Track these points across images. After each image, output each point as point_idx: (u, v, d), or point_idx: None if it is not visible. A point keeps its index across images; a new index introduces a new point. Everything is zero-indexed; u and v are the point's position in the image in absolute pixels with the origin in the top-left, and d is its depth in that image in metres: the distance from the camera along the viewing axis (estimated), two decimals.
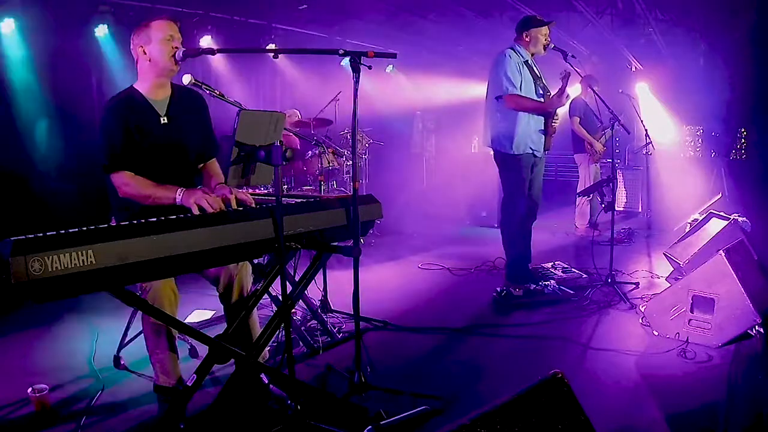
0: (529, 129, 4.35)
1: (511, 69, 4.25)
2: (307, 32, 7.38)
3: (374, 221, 2.75)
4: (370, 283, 4.70)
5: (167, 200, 2.38)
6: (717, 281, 3.30)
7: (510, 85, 4.24)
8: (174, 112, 2.63)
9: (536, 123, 4.37)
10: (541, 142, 4.42)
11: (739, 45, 7.71)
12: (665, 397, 2.72)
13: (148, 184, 2.46)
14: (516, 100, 4.25)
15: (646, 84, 8.82)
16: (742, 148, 8.37)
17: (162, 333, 2.51)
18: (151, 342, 2.53)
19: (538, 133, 4.39)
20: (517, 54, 4.36)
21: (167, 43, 2.50)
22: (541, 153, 4.46)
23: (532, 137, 4.36)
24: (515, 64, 4.29)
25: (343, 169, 6.56)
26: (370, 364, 3.03)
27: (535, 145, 4.39)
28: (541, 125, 4.39)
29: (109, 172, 2.48)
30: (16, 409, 2.67)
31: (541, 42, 4.37)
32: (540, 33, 4.37)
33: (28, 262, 1.52)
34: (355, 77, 2.35)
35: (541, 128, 4.39)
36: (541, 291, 4.26)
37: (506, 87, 4.24)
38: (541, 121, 4.39)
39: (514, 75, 4.26)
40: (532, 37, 4.38)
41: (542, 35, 4.37)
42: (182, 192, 2.37)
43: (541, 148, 4.43)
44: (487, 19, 7.17)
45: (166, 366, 2.54)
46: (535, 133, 4.38)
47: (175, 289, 2.51)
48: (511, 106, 4.27)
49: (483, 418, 1.25)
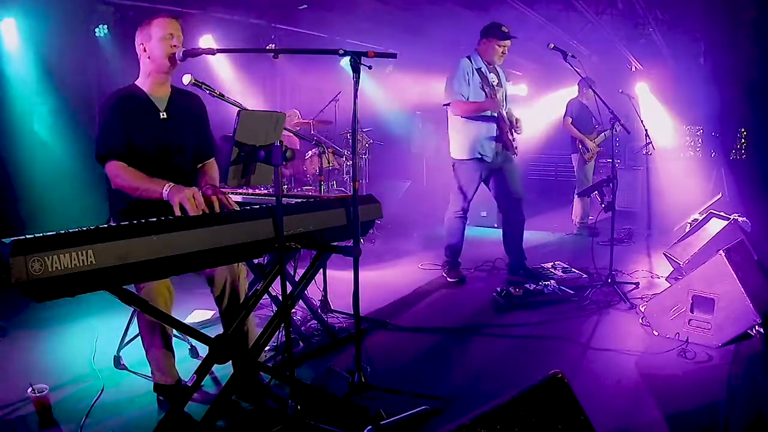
0: (478, 135, 4.52)
1: (458, 78, 4.47)
2: (307, 32, 7.37)
3: (374, 221, 2.76)
4: (370, 283, 4.71)
5: (155, 194, 2.35)
6: (717, 281, 3.30)
7: (453, 94, 4.47)
8: (173, 110, 2.65)
9: (487, 130, 4.54)
10: (491, 147, 4.56)
11: (739, 45, 7.71)
12: (665, 397, 2.72)
13: (139, 176, 2.44)
14: (459, 106, 4.50)
15: (646, 84, 8.82)
16: (742, 148, 8.37)
17: (156, 330, 2.50)
18: (146, 339, 2.54)
19: (488, 139, 4.54)
20: (470, 61, 4.52)
21: (166, 41, 2.52)
22: (491, 158, 4.58)
23: (481, 143, 4.53)
24: (464, 72, 4.46)
25: (343, 169, 6.57)
26: (369, 364, 3.03)
27: (485, 151, 4.55)
28: (493, 132, 4.56)
29: (103, 162, 2.47)
30: (16, 409, 2.67)
31: (496, 53, 4.51)
32: (496, 44, 4.49)
33: (28, 262, 1.52)
34: (355, 77, 2.35)
35: (492, 135, 4.55)
36: (541, 291, 4.25)
37: (450, 96, 4.51)
38: (492, 128, 4.54)
39: (461, 83, 4.46)
40: (487, 47, 4.52)
41: (499, 47, 4.50)
42: (170, 187, 2.32)
43: (491, 153, 4.57)
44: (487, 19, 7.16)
45: (161, 363, 2.54)
46: (485, 140, 4.53)
47: (170, 287, 2.51)
48: (455, 113, 4.55)
49: (483, 418, 1.25)
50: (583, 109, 6.79)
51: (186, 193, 2.27)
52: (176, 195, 2.28)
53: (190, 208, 2.23)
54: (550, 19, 7.13)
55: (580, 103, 6.81)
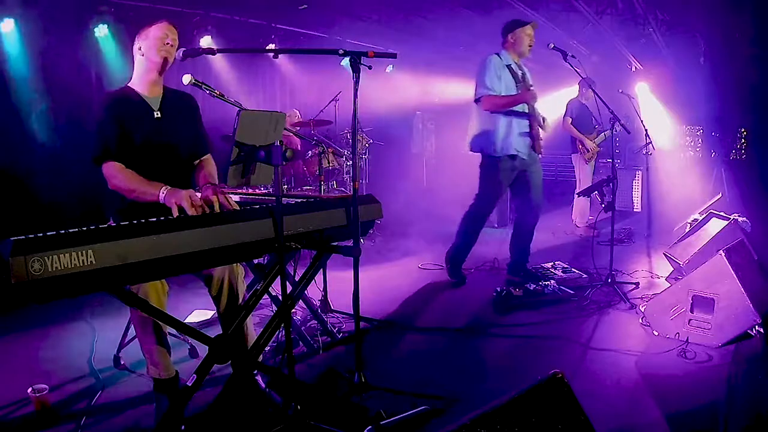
0: (513, 131, 4.42)
1: (489, 74, 4.38)
2: (307, 32, 7.38)
3: (374, 221, 2.75)
4: (370, 283, 4.70)
5: (151, 197, 2.37)
6: (717, 281, 3.30)
7: (485, 89, 4.38)
8: (167, 109, 2.68)
9: (519, 126, 4.43)
10: (525, 144, 4.46)
11: (739, 45, 7.71)
12: (665, 397, 2.72)
13: (135, 178, 2.46)
14: (491, 100, 4.37)
15: (646, 84, 8.83)
16: (742, 148, 8.37)
17: (148, 324, 2.49)
18: (139, 333, 2.54)
19: (521, 135, 4.44)
20: (499, 58, 4.46)
21: (161, 40, 2.57)
22: (526, 155, 4.48)
23: (515, 139, 4.43)
24: (495, 68, 4.39)
25: (343, 169, 6.56)
26: (369, 364, 3.03)
27: (520, 147, 4.44)
28: (525, 128, 4.45)
29: (100, 163, 2.49)
30: (16, 409, 2.67)
31: (526, 42, 4.45)
32: (524, 33, 4.44)
33: (28, 262, 1.52)
34: (355, 77, 2.35)
35: (525, 131, 4.45)
36: (541, 291, 4.26)
37: (482, 91, 4.40)
38: (525, 124, 4.45)
39: (492, 79, 4.38)
40: (517, 38, 4.46)
41: (526, 35, 4.44)
42: (166, 190, 2.34)
43: (525, 150, 4.47)
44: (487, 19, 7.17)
45: (155, 357, 2.53)
46: (518, 136, 4.43)
47: (164, 281, 2.51)
48: (487, 107, 4.41)
49: (483, 418, 1.25)
50: (582, 109, 6.81)
51: (182, 195, 2.28)
52: (172, 197, 2.29)
53: (188, 209, 2.24)
54: (550, 19, 7.13)
55: (579, 104, 6.83)
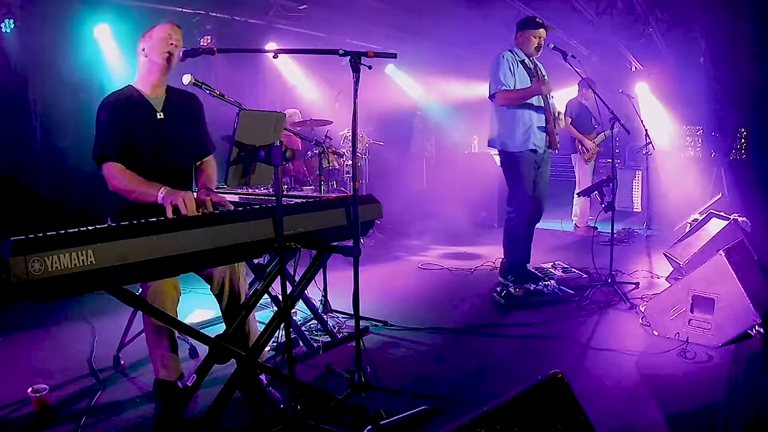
0: (531, 126, 4.38)
1: (503, 69, 4.35)
2: (307, 32, 7.37)
3: (374, 221, 2.75)
4: (370, 283, 4.70)
5: (150, 198, 2.38)
6: (717, 281, 3.30)
7: (499, 84, 4.34)
8: (170, 110, 2.68)
9: (537, 120, 4.41)
10: (542, 139, 4.44)
11: (739, 45, 7.70)
12: (665, 397, 2.72)
13: (135, 179, 2.46)
14: (506, 95, 4.34)
15: (646, 84, 8.82)
16: (742, 148, 8.37)
17: (163, 333, 2.51)
18: (151, 340, 2.54)
19: (539, 130, 4.41)
20: (513, 54, 4.44)
21: (165, 41, 2.57)
22: (544, 150, 4.47)
23: (534, 134, 4.39)
24: (508, 64, 4.37)
25: (343, 169, 6.56)
26: (369, 364, 3.03)
27: (538, 142, 4.42)
28: (542, 122, 4.43)
29: (100, 163, 2.50)
30: (16, 409, 2.67)
31: (533, 44, 4.43)
32: (532, 35, 4.42)
33: (28, 262, 1.52)
34: (355, 77, 2.35)
35: (542, 125, 4.43)
36: (541, 291, 4.25)
37: (496, 86, 4.37)
38: (542, 118, 4.43)
39: (506, 75, 4.35)
40: (524, 39, 4.45)
41: (534, 38, 4.42)
42: (164, 191, 2.36)
43: (543, 144, 4.45)
44: (487, 19, 7.17)
45: (167, 361, 2.54)
46: (536, 131, 4.40)
47: (178, 285, 2.52)
48: (501, 103, 4.38)
49: (483, 418, 1.25)
50: (582, 109, 6.82)
51: (179, 196, 2.30)
52: (168, 198, 2.31)
53: (181, 209, 2.26)
54: (550, 19, 7.12)
55: (579, 104, 6.83)
